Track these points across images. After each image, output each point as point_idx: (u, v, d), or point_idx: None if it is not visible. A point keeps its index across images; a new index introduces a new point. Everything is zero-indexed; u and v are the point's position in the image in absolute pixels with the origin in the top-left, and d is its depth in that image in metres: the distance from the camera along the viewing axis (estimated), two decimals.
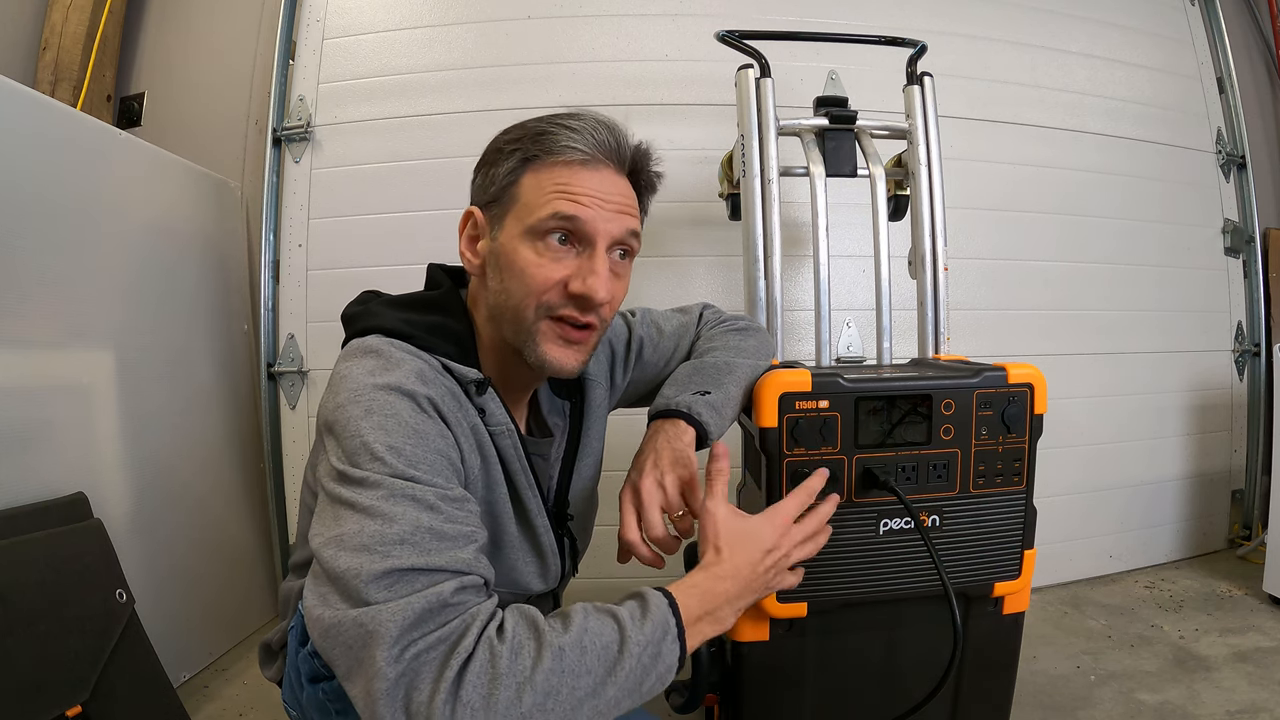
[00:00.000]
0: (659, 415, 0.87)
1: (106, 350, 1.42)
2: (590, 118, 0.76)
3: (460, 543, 0.62)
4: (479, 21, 2.01)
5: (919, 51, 1.47)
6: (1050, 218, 2.13)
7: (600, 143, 0.75)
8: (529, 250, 0.74)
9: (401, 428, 0.65)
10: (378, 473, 0.62)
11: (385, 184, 1.98)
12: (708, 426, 0.85)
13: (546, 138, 0.74)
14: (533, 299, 0.74)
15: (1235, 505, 2.34)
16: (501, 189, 0.76)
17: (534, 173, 0.75)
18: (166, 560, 1.52)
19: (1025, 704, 1.41)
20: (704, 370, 0.92)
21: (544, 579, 0.86)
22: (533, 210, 0.74)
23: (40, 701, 1.02)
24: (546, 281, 0.74)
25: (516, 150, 0.75)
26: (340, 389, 0.68)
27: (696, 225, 1.94)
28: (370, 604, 0.57)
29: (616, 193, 0.76)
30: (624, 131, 0.78)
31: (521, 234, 0.74)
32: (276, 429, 2.00)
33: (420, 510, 0.61)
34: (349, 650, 0.57)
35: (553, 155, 0.74)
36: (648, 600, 0.65)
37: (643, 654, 0.61)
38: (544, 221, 0.73)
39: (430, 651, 0.56)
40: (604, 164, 0.76)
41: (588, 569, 1.03)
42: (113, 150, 1.49)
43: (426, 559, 0.59)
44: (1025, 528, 0.96)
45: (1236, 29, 2.45)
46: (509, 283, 0.75)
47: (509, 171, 0.75)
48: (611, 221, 0.75)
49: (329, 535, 0.61)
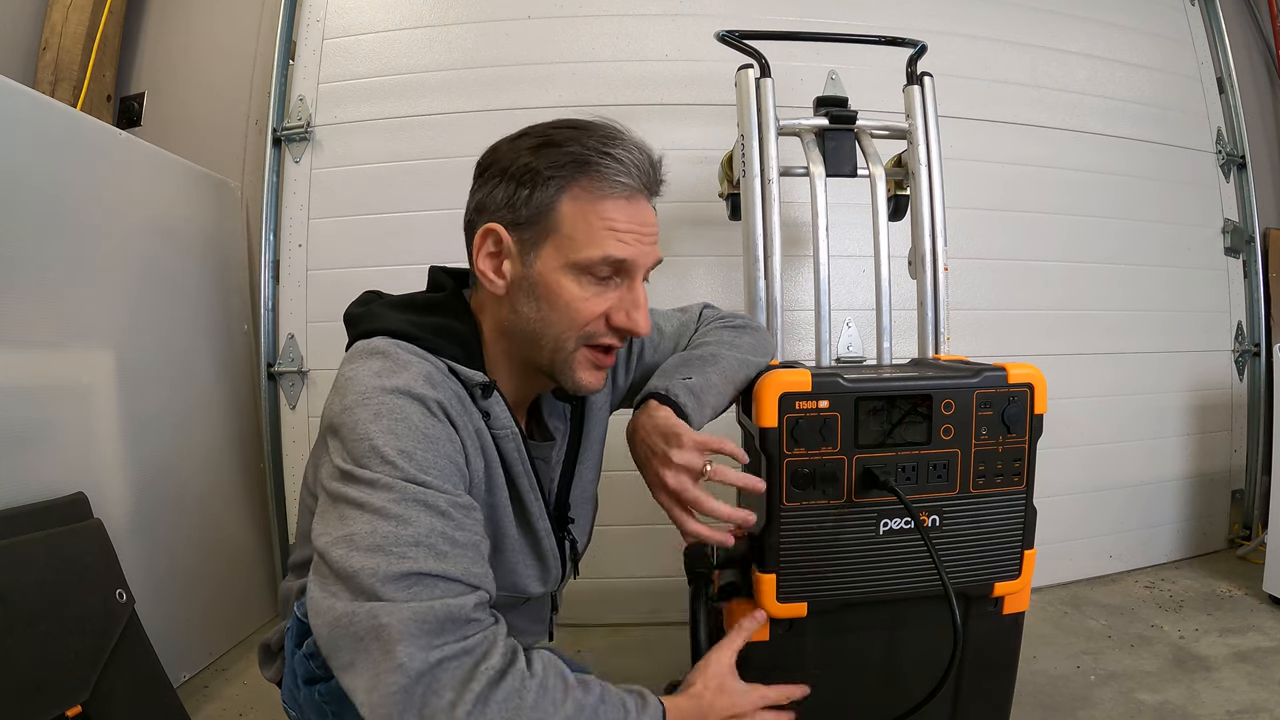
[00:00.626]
0: (640, 401, 0.88)
1: (106, 350, 1.42)
2: (630, 143, 0.75)
3: (470, 552, 0.64)
4: (479, 21, 2.01)
5: (919, 51, 1.47)
6: (1050, 218, 2.13)
7: (642, 172, 0.75)
8: (573, 284, 0.74)
9: (412, 432, 0.65)
10: (389, 476, 0.62)
11: (385, 184, 1.98)
12: (685, 408, 0.84)
13: (593, 169, 0.72)
14: (575, 330, 0.76)
15: (1235, 505, 2.34)
16: (536, 213, 0.73)
17: (576, 202, 0.73)
18: (166, 560, 1.52)
19: (1025, 704, 1.40)
20: (689, 360, 0.93)
21: (543, 582, 0.86)
22: (580, 247, 0.73)
23: (40, 701, 1.02)
24: (592, 315, 0.75)
25: (554, 177, 0.72)
26: (347, 391, 0.68)
27: (696, 225, 1.94)
28: (384, 600, 0.57)
29: (651, 223, 0.78)
30: (654, 152, 0.77)
31: (564, 266, 0.74)
32: (276, 429, 2.00)
33: (433, 516, 0.62)
34: (357, 642, 0.57)
35: (600, 189, 0.73)
36: (648, 701, 0.70)
37: None
38: (595, 264, 0.73)
39: (455, 660, 0.57)
40: (642, 194, 0.76)
41: (587, 570, 1.02)
42: (113, 150, 1.49)
43: (443, 565, 0.60)
44: (1025, 528, 0.96)
45: (1236, 29, 2.45)
46: (549, 313, 0.75)
47: (548, 198, 0.73)
48: (648, 255, 0.77)
49: (337, 535, 0.61)
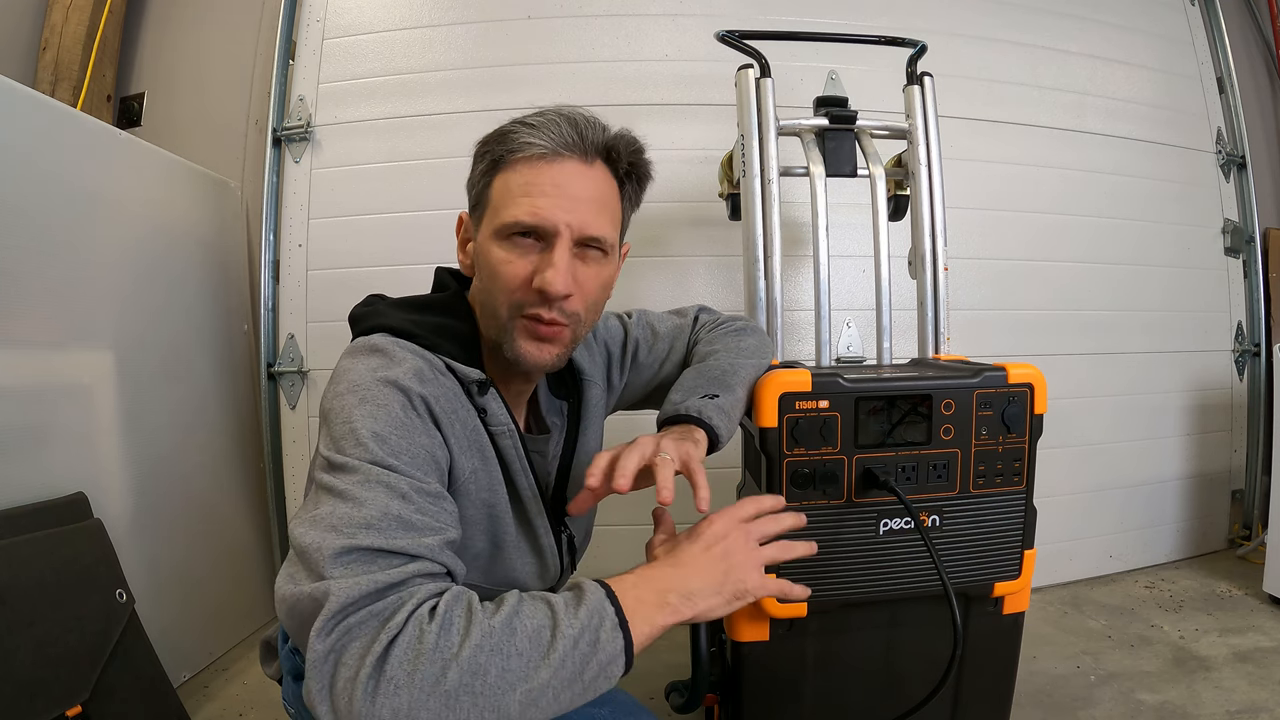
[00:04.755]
0: (669, 421, 0.86)
1: (106, 350, 1.42)
2: (552, 113, 0.76)
3: (425, 534, 0.62)
4: (479, 21, 2.01)
5: (919, 51, 1.47)
6: (1050, 218, 2.13)
7: (560, 135, 0.75)
8: (499, 250, 0.76)
9: (390, 419, 0.66)
10: (357, 458, 0.63)
11: (385, 184, 1.98)
12: (719, 431, 0.84)
13: (507, 138, 0.76)
14: (504, 296, 0.76)
15: (1235, 505, 2.34)
16: (479, 193, 0.79)
17: (502, 174, 0.77)
18: (166, 560, 1.52)
19: (1025, 704, 1.41)
20: (709, 374, 0.92)
21: (542, 580, 0.86)
22: (499, 212, 0.76)
23: (40, 701, 1.02)
24: (514, 279, 0.75)
25: (486, 154, 0.78)
26: (341, 380, 0.70)
27: (696, 225, 1.94)
28: (327, 579, 0.56)
29: (582, 184, 0.76)
30: (590, 122, 0.77)
31: (491, 235, 0.77)
32: (276, 429, 2.00)
33: (391, 498, 0.62)
34: (303, 625, 0.57)
35: (514, 154, 0.75)
36: (583, 588, 0.63)
37: (579, 639, 0.58)
38: (506, 226, 0.75)
39: (360, 627, 0.55)
40: (566, 157, 0.75)
41: (587, 570, 1.02)
42: (113, 150, 1.49)
43: (388, 542, 0.59)
44: (1025, 528, 0.96)
45: (1236, 29, 2.45)
46: (488, 283, 0.78)
47: (481, 175, 0.79)
48: (572, 212, 0.74)
49: (304, 516, 0.62)
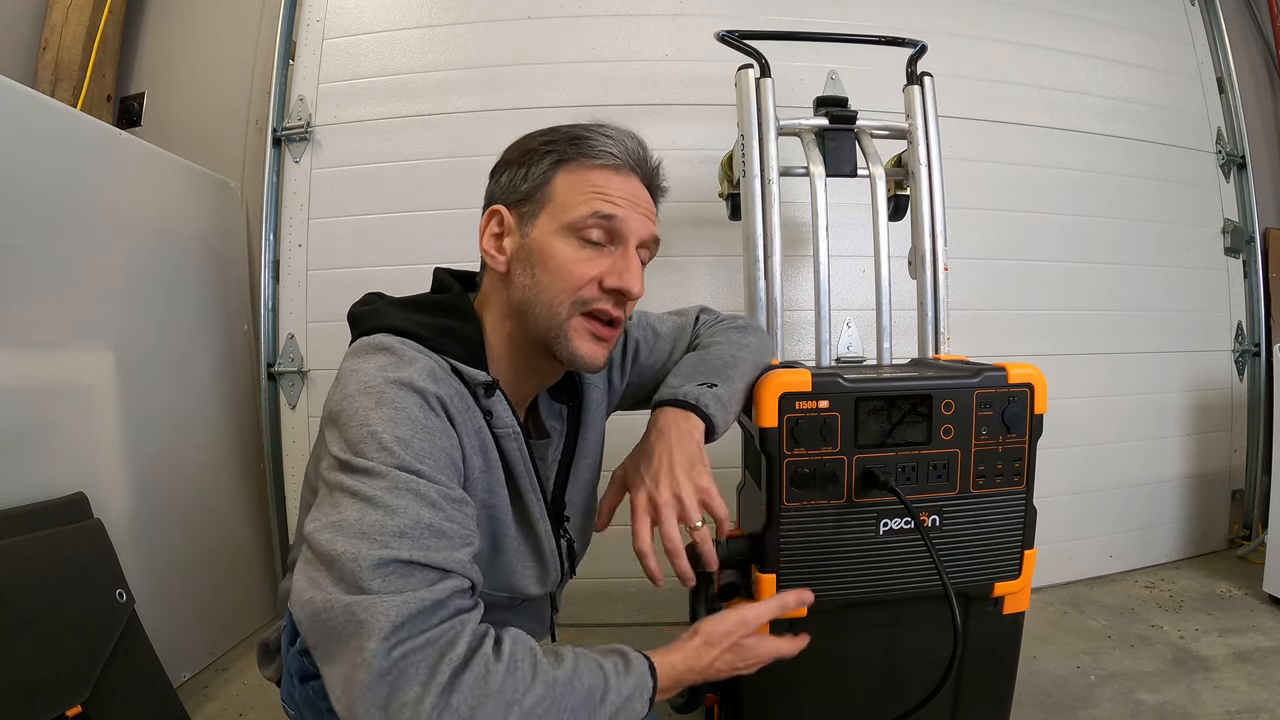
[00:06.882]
0: (665, 403, 0.87)
1: (106, 350, 1.42)
2: (619, 129, 0.81)
3: (457, 544, 0.63)
4: (479, 21, 2.01)
5: (919, 51, 1.47)
6: (1050, 217, 2.13)
7: (630, 151, 0.80)
8: (566, 246, 0.77)
9: (410, 421, 0.65)
10: (383, 463, 0.62)
11: (385, 184, 1.98)
12: (715, 420, 0.86)
13: (583, 142, 0.79)
14: (569, 294, 0.77)
15: (1235, 505, 2.34)
16: (535, 187, 0.79)
17: (569, 173, 0.78)
18: (166, 560, 1.52)
19: (1025, 704, 1.40)
20: (708, 362, 0.93)
21: (542, 583, 0.86)
22: (570, 209, 0.77)
23: (40, 701, 1.02)
24: (584, 277, 0.77)
25: (550, 152, 0.79)
26: (349, 381, 0.69)
27: (696, 225, 1.94)
28: (366, 592, 0.57)
29: (644, 198, 0.82)
30: (646, 147, 0.83)
31: (557, 230, 0.77)
32: (276, 429, 2.00)
33: (422, 506, 0.62)
34: (334, 635, 0.57)
35: (589, 158, 0.78)
36: (630, 661, 0.69)
37: (623, 706, 0.66)
38: (584, 220, 0.76)
39: (420, 652, 0.56)
40: (632, 172, 0.81)
41: (587, 570, 1.03)
42: (113, 150, 1.49)
43: (425, 555, 0.60)
44: (1025, 528, 0.96)
45: (1236, 29, 2.45)
46: (542, 278, 0.77)
47: (543, 171, 0.79)
48: (640, 223, 0.79)
49: (326, 520, 0.61)
